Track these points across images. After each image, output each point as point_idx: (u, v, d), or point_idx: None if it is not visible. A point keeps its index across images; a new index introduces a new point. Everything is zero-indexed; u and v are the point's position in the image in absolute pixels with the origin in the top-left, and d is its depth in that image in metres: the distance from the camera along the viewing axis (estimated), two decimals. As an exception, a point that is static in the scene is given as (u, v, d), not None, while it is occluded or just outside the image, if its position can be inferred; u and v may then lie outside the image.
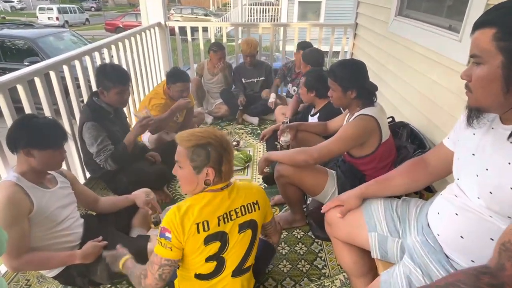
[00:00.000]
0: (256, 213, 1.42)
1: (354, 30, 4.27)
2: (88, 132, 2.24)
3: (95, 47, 2.90)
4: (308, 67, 3.16)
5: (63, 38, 6.82)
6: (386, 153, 1.90)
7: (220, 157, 1.29)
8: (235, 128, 3.89)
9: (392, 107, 2.93)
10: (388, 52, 3.14)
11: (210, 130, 1.34)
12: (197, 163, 1.29)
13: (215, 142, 1.28)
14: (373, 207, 1.46)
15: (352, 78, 1.88)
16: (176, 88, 2.95)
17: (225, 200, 1.34)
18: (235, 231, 1.35)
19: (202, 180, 1.32)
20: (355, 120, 1.84)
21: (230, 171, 1.35)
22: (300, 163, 1.89)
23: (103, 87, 2.28)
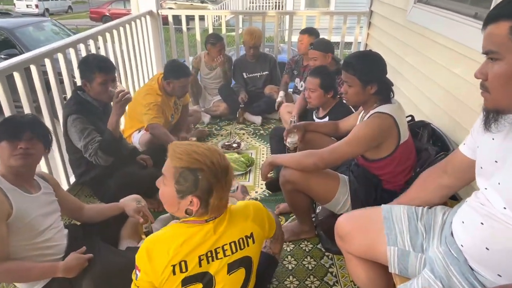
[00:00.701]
0: (250, 248, 1.33)
1: (369, 18, 4.28)
2: (73, 126, 2.26)
3: (80, 39, 2.92)
4: (329, 56, 3.15)
5: (44, 28, 6.86)
6: (404, 156, 1.91)
7: (210, 188, 1.21)
8: (236, 128, 3.90)
9: (411, 104, 2.94)
10: (406, 43, 3.15)
11: (210, 153, 1.23)
12: (183, 187, 1.21)
13: (208, 170, 1.20)
14: (395, 217, 1.46)
15: (373, 71, 1.88)
16: (179, 84, 2.98)
17: (210, 235, 1.26)
18: (223, 271, 1.27)
19: (183, 207, 1.25)
20: (371, 119, 1.85)
21: (219, 206, 1.26)
22: (309, 167, 1.90)
23: (85, 78, 2.32)
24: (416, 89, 2.90)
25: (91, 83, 2.31)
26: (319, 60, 3.13)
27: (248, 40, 3.86)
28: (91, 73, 2.29)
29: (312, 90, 2.67)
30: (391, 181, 1.95)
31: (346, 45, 4.76)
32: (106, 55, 3.28)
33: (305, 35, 3.64)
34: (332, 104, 2.71)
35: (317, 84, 2.64)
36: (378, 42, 3.96)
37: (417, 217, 1.44)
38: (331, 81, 2.67)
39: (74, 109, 2.29)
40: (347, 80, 1.93)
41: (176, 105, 3.28)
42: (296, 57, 3.88)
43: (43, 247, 1.66)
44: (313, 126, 2.49)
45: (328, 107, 2.71)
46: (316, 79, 2.65)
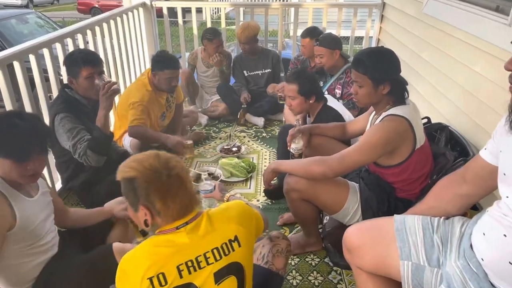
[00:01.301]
0: (237, 253, 1.32)
1: (381, 11, 4.29)
2: (61, 125, 2.28)
3: (67, 33, 2.94)
4: (336, 53, 3.14)
5: (27, 21, 6.90)
6: (420, 162, 1.91)
7: (148, 195, 1.24)
8: (236, 131, 3.92)
9: (427, 105, 2.94)
10: (422, 38, 3.16)
11: (146, 157, 1.29)
12: (130, 199, 1.29)
13: (140, 175, 1.24)
14: (408, 228, 1.46)
15: (386, 70, 1.89)
16: (164, 75, 2.99)
17: (185, 243, 1.26)
18: (209, 282, 1.26)
19: (142, 220, 1.30)
20: (384, 122, 1.85)
21: (174, 210, 1.27)
22: (317, 176, 1.90)
23: (71, 75, 2.35)
24: (433, 88, 2.91)
25: (77, 79, 2.34)
26: (326, 57, 3.14)
27: (238, 35, 3.89)
28: (76, 68, 2.32)
29: (292, 98, 2.66)
30: (406, 189, 1.95)
31: (357, 40, 4.78)
32: (95, 50, 3.30)
33: (306, 38, 3.63)
34: (317, 110, 2.70)
35: (295, 90, 2.63)
36: (391, 36, 3.97)
37: (433, 228, 1.44)
38: (311, 85, 2.65)
39: (61, 107, 2.31)
40: (357, 80, 1.93)
41: (169, 102, 3.29)
42: (302, 57, 3.89)
43: (40, 251, 1.67)
44: (319, 129, 2.49)
45: (314, 113, 2.72)
46: (293, 85, 2.63)
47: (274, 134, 3.82)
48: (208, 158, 3.38)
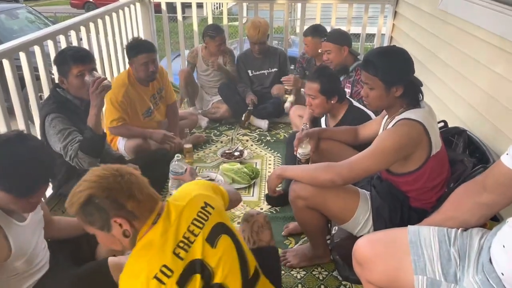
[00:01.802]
0: (214, 215, 1.44)
1: (394, 7, 4.30)
2: (51, 126, 2.29)
3: (59, 29, 2.96)
4: (345, 50, 3.16)
5: (17, 16, 6.94)
6: (436, 169, 1.91)
7: (115, 201, 1.28)
8: (238, 134, 3.92)
9: (443, 108, 2.94)
10: (438, 36, 3.16)
11: (89, 174, 1.32)
12: (99, 222, 1.30)
13: (96, 190, 1.27)
14: (423, 240, 1.46)
15: (398, 71, 1.88)
16: (139, 61, 3.01)
17: (168, 229, 1.33)
18: (207, 250, 1.36)
19: (119, 235, 1.32)
20: (397, 127, 1.85)
21: (142, 202, 1.32)
22: (325, 183, 1.90)
23: (61, 73, 2.37)
24: (450, 90, 2.90)
25: (68, 78, 2.36)
26: (334, 54, 3.14)
27: (253, 35, 3.88)
28: (66, 66, 2.34)
29: (313, 97, 2.66)
30: (420, 198, 1.95)
31: (368, 38, 4.78)
32: (89, 48, 3.33)
33: (308, 37, 3.65)
34: (343, 110, 2.69)
35: (316, 89, 2.63)
36: (405, 34, 3.97)
37: (450, 241, 1.43)
38: (333, 84, 2.65)
39: (52, 108, 2.32)
40: (368, 82, 1.92)
41: (156, 99, 3.31)
42: (306, 55, 3.90)
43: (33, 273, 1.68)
44: (328, 133, 2.49)
45: (339, 115, 2.70)
46: (315, 84, 2.63)
47: (279, 137, 3.83)
48: (208, 163, 3.39)
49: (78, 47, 2.49)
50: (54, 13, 13.58)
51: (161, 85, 3.35)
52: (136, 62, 3.02)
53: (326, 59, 3.21)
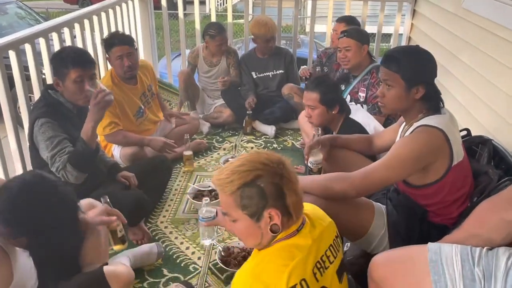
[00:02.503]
0: (341, 250, 1.48)
1: (413, 5, 4.31)
2: (40, 132, 2.29)
3: (52, 27, 2.98)
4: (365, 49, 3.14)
5: (7, 11, 7.00)
6: (458, 181, 1.90)
7: (280, 189, 1.32)
8: (242, 141, 3.93)
9: (466, 115, 2.93)
10: (461, 37, 3.15)
11: (255, 156, 1.37)
12: (253, 208, 1.32)
13: (265, 172, 1.31)
14: (445, 259, 1.44)
15: (423, 70, 1.88)
16: (114, 55, 3.05)
17: (310, 243, 1.36)
18: (335, 282, 1.40)
19: (266, 228, 1.35)
20: (415, 134, 1.84)
21: (299, 202, 1.37)
22: (337, 195, 1.89)
23: (57, 75, 2.37)
24: (473, 96, 2.89)
25: (64, 81, 2.35)
26: (353, 51, 3.12)
27: (259, 32, 3.88)
28: (64, 69, 2.33)
29: (312, 108, 2.67)
30: (440, 213, 1.94)
31: (384, 38, 4.79)
32: (83, 46, 3.35)
33: (342, 23, 3.64)
34: (340, 122, 2.70)
35: (316, 99, 2.64)
36: (425, 35, 3.97)
37: (474, 260, 1.42)
38: (334, 93, 2.66)
39: (43, 111, 2.32)
40: (387, 78, 1.92)
41: (146, 97, 3.33)
42: (330, 49, 3.89)
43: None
44: (341, 141, 2.49)
45: (337, 126, 2.71)
46: (314, 94, 2.64)
47: (287, 145, 3.83)
48: (210, 172, 3.39)
49: (80, 50, 2.49)
50: (46, 9, 13.66)
51: (150, 82, 3.38)
52: (112, 56, 3.06)
53: (344, 57, 3.16)
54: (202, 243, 2.48)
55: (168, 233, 2.64)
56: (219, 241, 2.51)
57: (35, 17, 7.36)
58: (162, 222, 2.75)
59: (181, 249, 2.48)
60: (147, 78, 3.35)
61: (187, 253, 2.45)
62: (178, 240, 2.56)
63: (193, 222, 2.72)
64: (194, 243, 2.52)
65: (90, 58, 2.44)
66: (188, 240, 2.55)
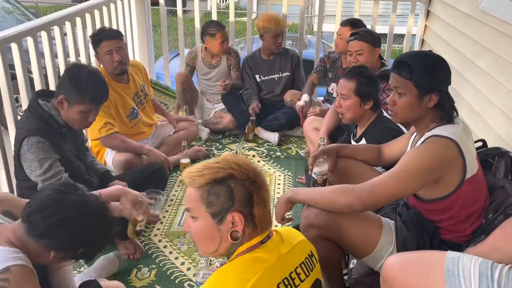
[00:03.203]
0: (317, 269, 1.48)
1: (427, 5, 4.32)
2: (30, 151, 2.29)
3: (41, 25, 3.00)
4: (377, 52, 3.14)
5: (-7, 6, 7.04)
6: (472, 195, 1.90)
7: (249, 195, 1.34)
8: (244, 148, 3.94)
9: (482, 124, 2.93)
10: (478, 41, 3.16)
11: (230, 157, 1.40)
12: (217, 207, 1.33)
13: (239, 173, 1.33)
14: (462, 270, 1.45)
15: (436, 76, 1.89)
16: (102, 51, 3.07)
17: (278, 257, 1.36)
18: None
19: (227, 234, 1.35)
20: (426, 144, 1.85)
21: (266, 215, 1.39)
22: (342, 209, 1.90)
23: (66, 97, 2.35)
24: (490, 104, 2.90)
25: (71, 106, 2.35)
26: (366, 55, 3.10)
27: (274, 27, 3.87)
28: (77, 96, 2.33)
29: (345, 97, 2.64)
30: (453, 229, 1.94)
31: (396, 39, 4.81)
32: (75, 44, 3.37)
33: (346, 27, 3.61)
34: (371, 119, 2.67)
35: (351, 89, 2.60)
36: (438, 37, 3.99)
37: (493, 277, 1.42)
38: (371, 86, 2.63)
39: (33, 128, 2.31)
40: (399, 86, 1.92)
41: (139, 97, 3.35)
42: (334, 54, 3.89)
43: None
44: (347, 150, 2.49)
45: (366, 124, 2.69)
46: (351, 82, 2.60)
47: (291, 153, 3.84)
48: (208, 181, 3.39)
49: (100, 78, 2.47)
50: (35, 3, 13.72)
51: (143, 82, 3.40)
52: (100, 52, 3.08)
53: (355, 62, 3.12)
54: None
55: (162, 247, 2.65)
56: (217, 256, 2.52)
57: (23, 12, 7.38)
58: (156, 235, 2.76)
59: (176, 264, 2.50)
60: (139, 77, 3.38)
61: (182, 269, 2.46)
62: (173, 255, 2.57)
63: (188, 235, 2.72)
64: (189, 258, 2.54)
65: (107, 94, 2.50)
66: (183, 255, 2.57)
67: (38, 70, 2.93)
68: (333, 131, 3.13)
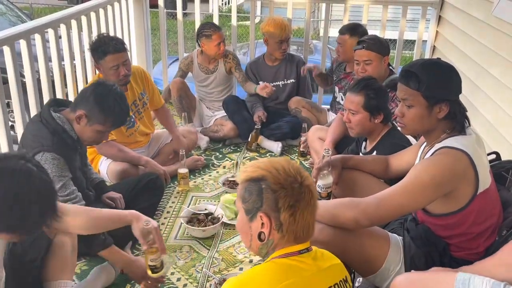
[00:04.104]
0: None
1: (438, 10, 4.33)
2: None
3: (35, 27, 3.02)
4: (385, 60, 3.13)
5: (-15, 6, 7.08)
6: (484, 211, 1.90)
7: (275, 199, 1.41)
8: (245, 158, 3.93)
9: (496, 136, 2.93)
10: (491, 48, 3.17)
11: (276, 160, 1.52)
12: (249, 204, 1.46)
13: (271, 176, 1.43)
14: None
15: (446, 86, 1.89)
16: (107, 64, 3.02)
17: (312, 272, 1.42)
18: None
19: (256, 232, 1.46)
20: (436, 156, 1.85)
21: (297, 226, 1.43)
22: (346, 224, 1.90)
23: (88, 114, 2.37)
24: (504, 114, 2.90)
25: (90, 124, 2.38)
26: (374, 64, 3.09)
27: (280, 33, 3.88)
28: (101, 117, 2.38)
29: (353, 112, 2.63)
30: (464, 246, 1.94)
31: (406, 45, 4.81)
32: (70, 47, 3.39)
33: (345, 35, 3.63)
34: (382, 133, 2.67)
35: (359, 103, 2.59)
36: (451, 44, 3.99)
37: None
38: (381, 100, 2.62)
39: (49, 144, 2.32)
40: (407, 97, 1.93)
41: (137, 106, 3.35)
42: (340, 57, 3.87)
43: None
44: (353, 162, 2.49)
45: (377, 138, 2.69)
46: (358, 97, 2.59)
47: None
48: (207, 193, 3.40)
49: (125, 103, 2.53)
50: (29, 4, 13.80)
51: (142, 89, 3.40)
52: (104, 65, 3.04)
53: (363, 72, 3.10)
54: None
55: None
56: (215, 272, 2.51)
57: (17, 13, 7.41)
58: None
59: (172, 280, 2.49)
60: (138, 85, 3.37)
61: (178, 285, 2.45)
62: (169, 270, 2.56)
63: (186, 249, 2.72)
64: (186, 274, 2.53)
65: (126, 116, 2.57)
66: (179, 271, 2.56)
67: (31, 74, 2.95)
68: (339, 141, 3.12)
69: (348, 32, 3.61)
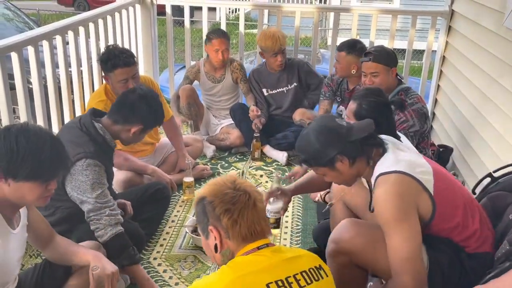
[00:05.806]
0: (326, 282, 1.56)
1: (448, 20, 4.33)
2: (84, 173, 2.29)
3: (43, 34, 3.04)
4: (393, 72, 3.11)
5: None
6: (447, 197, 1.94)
7: (213, 209, 1.53)
8: (251, 168, 3.94)
9: (507, 147, 2.91)
10: (502, 59, 3.15)
11: (218, 178, 1.65)
12: (201, 224, 1.60)
13: (208, 192, 1.58)
14: None
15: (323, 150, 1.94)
16: (116, 77, 3.03)
17: (272, 260, 1.50)
18: None
19: (212, 246, 1.57)
20: (381, 190, 1.89)
21: (243, 227, 1.51)
22: None
23: (145, 126, 2.51)
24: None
25: (142, 134, 2.56)
26: (381, 77, 3.06)
27: (271, 46, 3.89)
28: (137, 120, 2.46)
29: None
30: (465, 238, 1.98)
31: (415, 55, 4.81)
32: (77, 54, 3.40)
33: (342, 52, 3.59)
34: None
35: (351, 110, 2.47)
36: (461, 55, 3.98)
37: None
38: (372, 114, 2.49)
39: (91, 151, 2.34)
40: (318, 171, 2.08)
41: None
42: (336, 76, 3.86)
43: None
44: (301, 187, 2.53)
45: None
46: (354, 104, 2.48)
47: (301, 174, 3.82)
48: (212, 202, 3.38)
49: (161, 108, 2.63)
50: (36, 10, 13.89)
51: None
52: (113, 77, 3.04)
53: (371, 83, 3.08)
54: None
55: (161, 272, 2.64)
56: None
57: (24, 19, 7.47)
58: (156, 258, 2.75)
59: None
60: None
61: (182, 296, 2.44)
62: (173, 280, 2.55)
63: (190, 259, 2.72)
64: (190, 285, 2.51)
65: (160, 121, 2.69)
66: (184, 281, 2.55)
67: (38, 81, 2.96)
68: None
69: (345, 49, 3.58)
